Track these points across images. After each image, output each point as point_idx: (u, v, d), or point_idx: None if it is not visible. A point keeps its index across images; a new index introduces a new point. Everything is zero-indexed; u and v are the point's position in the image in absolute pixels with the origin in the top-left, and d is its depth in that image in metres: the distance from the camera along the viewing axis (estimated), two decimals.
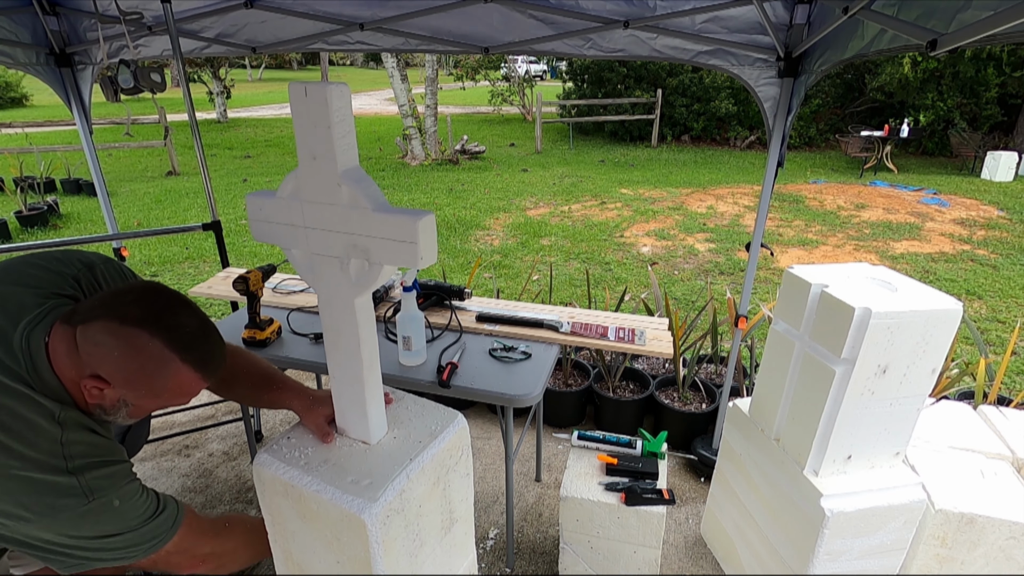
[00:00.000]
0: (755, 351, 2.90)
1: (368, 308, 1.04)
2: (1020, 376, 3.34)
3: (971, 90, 10.41)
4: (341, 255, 0.96)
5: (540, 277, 4.82)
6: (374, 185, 0.92)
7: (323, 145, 0.89)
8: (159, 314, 0.94)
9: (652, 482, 1.74)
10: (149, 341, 0.91)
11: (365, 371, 1.06)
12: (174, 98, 16.70)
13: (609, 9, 2.03)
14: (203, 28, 2.52)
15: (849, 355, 1.37)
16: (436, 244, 0.90)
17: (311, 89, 0.87)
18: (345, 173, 0.91)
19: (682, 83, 12.17)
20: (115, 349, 0.91)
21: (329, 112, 0.86)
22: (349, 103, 0.90)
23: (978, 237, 5.91)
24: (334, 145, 0.88)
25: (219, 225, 2.47)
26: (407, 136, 10.43)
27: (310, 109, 0.88)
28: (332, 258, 0.98)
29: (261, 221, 1.03)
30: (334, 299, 1.01)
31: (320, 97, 0.86)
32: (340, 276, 0.99)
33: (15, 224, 6.25)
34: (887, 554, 1.56)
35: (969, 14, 1.08)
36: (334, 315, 1.03)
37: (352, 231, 0.93)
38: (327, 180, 0.92)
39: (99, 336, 0.91)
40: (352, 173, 0.92)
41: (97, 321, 0.91)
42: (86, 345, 0.91)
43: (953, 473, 1.68)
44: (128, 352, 0.91)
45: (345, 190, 0.91)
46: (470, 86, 17.38)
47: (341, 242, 0.95)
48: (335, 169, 0.90)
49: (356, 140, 0.93)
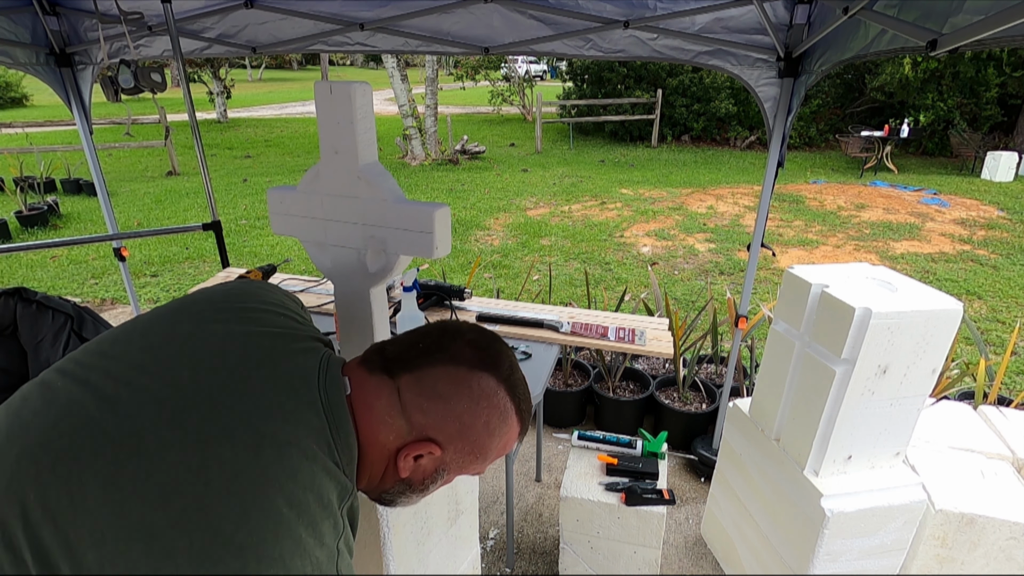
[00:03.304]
0: (755, 351, 2.90)
1: (382, 299, 1.06)
2: (1020, 376, 3.34)
3: (971, 90, 10.41)
4: (359, 246, 1.00)
5: (540, 277, 4.82)
6: (392, 179, 0.97)
7: (346, 140, 0.94)
8: (497, 355, 0.74)
9: (652, 482, 1.74)
10: (497, 389, 0.72)
11: None
12: (174, 98, 16.70)
13: (609, 9, 2.03)
14: (203, 28, 2.52)
15: (849, 355, 1.37)
16: (450, 235, 0.94)
17: (336, 88, 0.91)
18: (365, 167, 0.95)
19: (682, 83, 12.16)
20: (463, 402, 0.70)
21: (353, 109, 0.91)
22: (371, 101, 0.95)
23: (978, 237, 5.91)
24: (356, 140, 0.93)
25: (219, 225, 2.47)
26: (407, 136, 10.43)
27: (334, 106, 0.92)
28: (350, 249, 1.02)
29: (281, 214, 1.07)
30: (350, 290, 1.05)
31: (344, 95, 0.91)
32: (357, 267, 1.02)
33: (15, 224, 6.25)
34: (887, 554, 1.56)
35: (968, 16, 1.08)
36: (350, 306, 1.06)
37: (370, 222, 0.97)
38: (348, 174, 0.96)
39: (442, 386, 0.70)
40: (372, 167, 0.96)
41: (436, 367, 0.71)
42: (421, 400, 0.69)
43: (953, 473, 1.68)
44: (476, 405, 0.71)
45: (365, 183, 0.95)
46: (470, 86, 17.36)
47: (359, 233, 0.99)
48: (356, 163, 0.94)
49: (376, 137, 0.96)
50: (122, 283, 4.63)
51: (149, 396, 0.60)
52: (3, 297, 1.85)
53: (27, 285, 1.96)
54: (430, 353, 0.72)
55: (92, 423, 0.57)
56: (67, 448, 0.56)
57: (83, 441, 0.56)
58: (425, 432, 0.70)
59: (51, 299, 1.90)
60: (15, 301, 1.86)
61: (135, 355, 0.66)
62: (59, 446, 0.56)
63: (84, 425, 0.57)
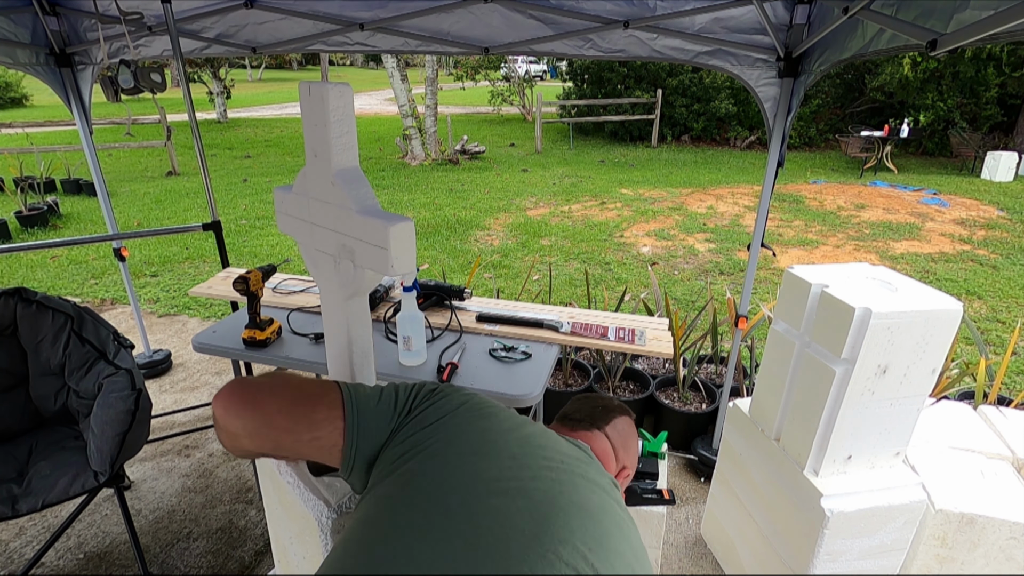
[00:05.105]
0: (755, 351, 2.90)
1: (361, 310, 1.04)
2: (1020, 376, 3.34)
3: (971, 90, 10.41)
4: (334, 254, 0.97)
5: (540, 277, 4.82)
6: (366, 186, 0.91)
7: (321, 144, 0.91)
8: (624, 405, 1.16)
9: (652, 482, 1.74)
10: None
11: (355, 372, 1.06)
12: (174, 98, 16.70)
13: (609, 9, 2.03)
14: (203, 28, 2.52)
15: (849, 355, 1.37)
16: (414, 252, 0.87)
17: (314, 88, 0.88)
18: (339, 172, 0.91)
19: (682, 83, 12.16)
20: (633, 436, 1.08)
21: (327, 111, 0.87)
22: (350, 103, 0.90)
23: (978, 237, 5.91)
24: (330, 144, 0.89)
25: (219, 225, 2.47)
26: (407, 136, 10.42)
27: (312, 108, 0.90)
28: (328, 256, 0.99)
29: (283, 213, 1.07)
30: (328, 297, 1.03)
31: (319, 96, 0.87)
32: (333, 275, 0.99)
33: (15, 224, 6.25)
34: (887, 554, 1.56)
35: (968, 14, 1.08)
36: (329, 313, 1.04)
37: (342, 231, 0.93)
38: (324, 177, 0.93)
39: (627, 428, 1.07)
40: (346, 173, 0.92)
41: (619, 418, 1.07)
42: (620, 439, 1.04)
43: (953, 473, 1.68)
44: (636, 436, 1.10)
45: (337, 189, 0.91)
46: (470, 86, 17.37)
47: (334, 241, 0.96)
48: (330, 168, 0.91)
49: (356, 140, 0.93)
50: (122, 283, 4.63)
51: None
52: (3, 297, 1.86)
53: (27, 285, 1.96)
54: (610, 411, 1.08)
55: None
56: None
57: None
58: (623, 463, 1.03)
59: (51, 299, 1.90)
60: (15, 301, 1.87)
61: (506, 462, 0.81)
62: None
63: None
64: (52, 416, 1.95)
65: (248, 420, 0.77)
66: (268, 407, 0.78)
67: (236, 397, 0.78)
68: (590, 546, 0.67)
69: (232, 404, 0.78)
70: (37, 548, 2.02)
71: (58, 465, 1.72)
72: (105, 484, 1.69)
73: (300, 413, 0.79)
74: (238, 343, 1.78)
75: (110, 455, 1.66)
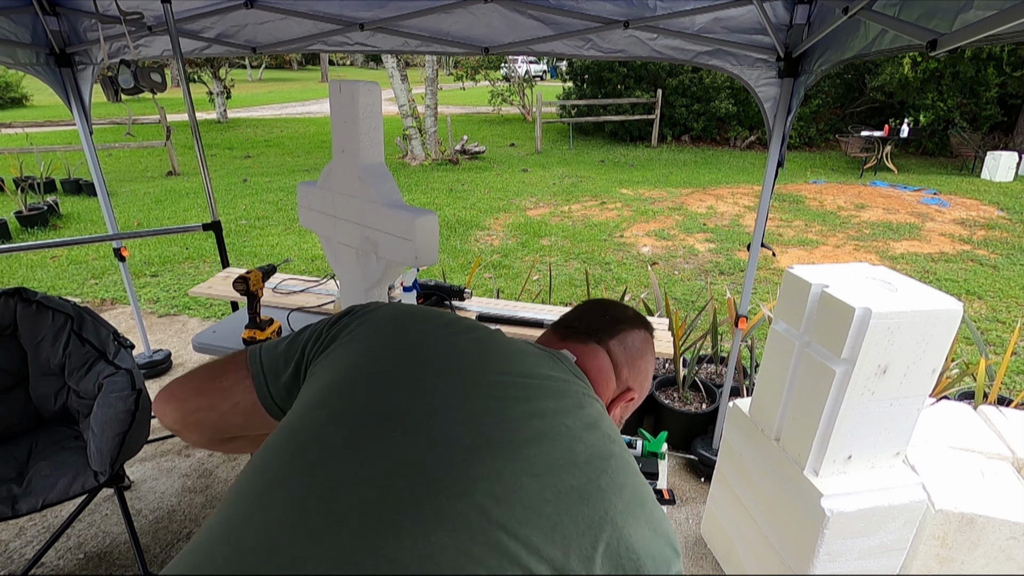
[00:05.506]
0: (755, 351, 2.90)
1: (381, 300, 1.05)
2: (1020, 376, 3.34)
3: (971, 90, 10.41)
4: (357, 246, 0.99)
5: (540, 277, 4.82)
6: (391, 181, 0.95)
7: (350, 140, 0.93)
8: (644, 316, 0.93)
9: (652, 482, 1.74)
10: (651, 341, 0.90)
11: None
12: (174, 98, 16.69)
13: (609, 9, 2.03)
14: (203, 28, 2.52)
15: (849, 355, 1.37)
16: (437, 245, 0.91)
17: (344, 86, 0.90)
18: (365, 168, 0.94)
19: (682, 83, 12.17)
20: (648, 356, 0.88)
21: (356, 108, 0.90)
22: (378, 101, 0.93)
23: (978, 237, 5.91)
24: (359, 140, 0.92)
25: (219, 225, 2.47)
26: (407, 136, 10.42)
27: (341, 105, 0.92)
28: (351, 249, 1.01)
29: (306, 208, 1.09)
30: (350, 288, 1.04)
31: (350, 94, 0.90)
32: (355, 266, 1.02)
33: (15, 224, 6.24)
34: (887, 554, 1.56)
35: (970, 14, 1.08)
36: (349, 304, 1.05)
37: (366, 224, 0.96)
38: (351, 173, 0.95)
39: (639, 344, 0.87)
40: (372, 168, 0.95)
41: (632, 331, 0.87)
42: (626, 357, 0.84)
43: (953, 473, 1.68)
44: (652, 356, 0.90)
45: (363, 184, 0.94)
46: (470, 86, 17.36)
47: (358, 234, 0.98)
48: (357, 163, 0.93)
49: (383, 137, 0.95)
50: (122, 283, 4.62)
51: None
52: (3, 297, 1.86)
53: (27, 285, 1.96)
54: (619, 321, 0.87)
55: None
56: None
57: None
58: (627, 384, 0.84)
59: (51, 299, 1.90)
60: (15, 301, 1.87)
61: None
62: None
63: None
64: (52, 416, 1.95)
65: (173, 412, 0.78)
66: (183, 393, 0.79)
67: (159, 399, 0.79)
68: (497, 497, 0.51)
69: (158, 406, 0.79)
70: (37, 548, 2.02)
71: (58, 465, 1.72)
72: (105, 484, 1.69)
73: (211, 388, 0.79)
74: (238, 343, 1.78)
75: (110, 455, 1.66)
